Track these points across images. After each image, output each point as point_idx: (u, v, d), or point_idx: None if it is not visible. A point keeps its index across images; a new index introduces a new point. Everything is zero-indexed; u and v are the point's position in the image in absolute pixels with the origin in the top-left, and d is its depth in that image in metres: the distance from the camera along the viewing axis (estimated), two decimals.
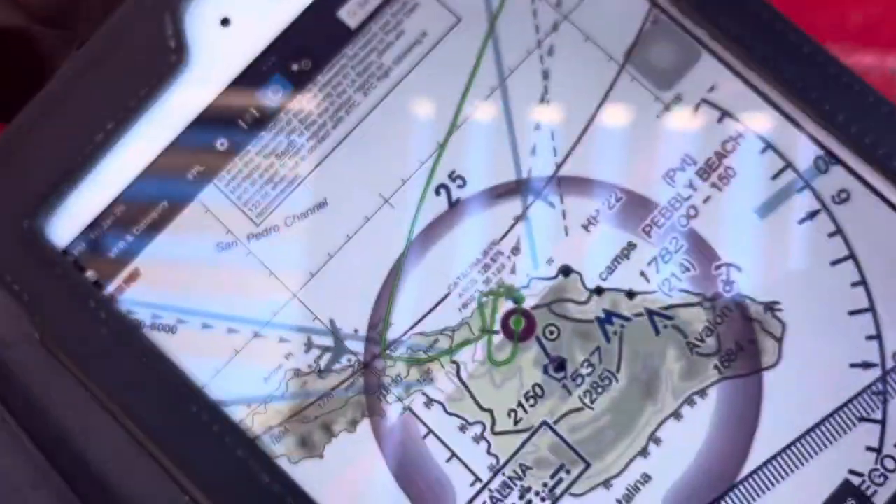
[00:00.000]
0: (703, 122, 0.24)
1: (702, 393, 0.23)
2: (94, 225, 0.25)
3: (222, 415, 0.23)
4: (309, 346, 0.24)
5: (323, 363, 0.24)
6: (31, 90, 0.28)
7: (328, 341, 0.24)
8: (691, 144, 0.24)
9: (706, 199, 0.24)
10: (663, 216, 0.24)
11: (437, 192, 0.25)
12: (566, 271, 0.24)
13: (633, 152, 0.24)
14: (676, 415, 0.23)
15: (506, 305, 0.24)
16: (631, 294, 0.24)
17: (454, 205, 0.25)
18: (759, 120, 0.24)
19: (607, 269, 0.24)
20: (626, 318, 0.24)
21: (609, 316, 0.24)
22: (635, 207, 0.24)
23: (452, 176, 0.25)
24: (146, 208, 0.25)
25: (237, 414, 0.24)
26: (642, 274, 0.24)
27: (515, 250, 0.24)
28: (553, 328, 0.24)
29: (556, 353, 0.24)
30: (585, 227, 0.25)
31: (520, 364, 0.24)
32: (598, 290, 0.24)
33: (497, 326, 0.24)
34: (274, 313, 0.24)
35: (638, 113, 0.24)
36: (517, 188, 0.25)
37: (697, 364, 0.23)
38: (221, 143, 0.25)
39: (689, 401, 0.23)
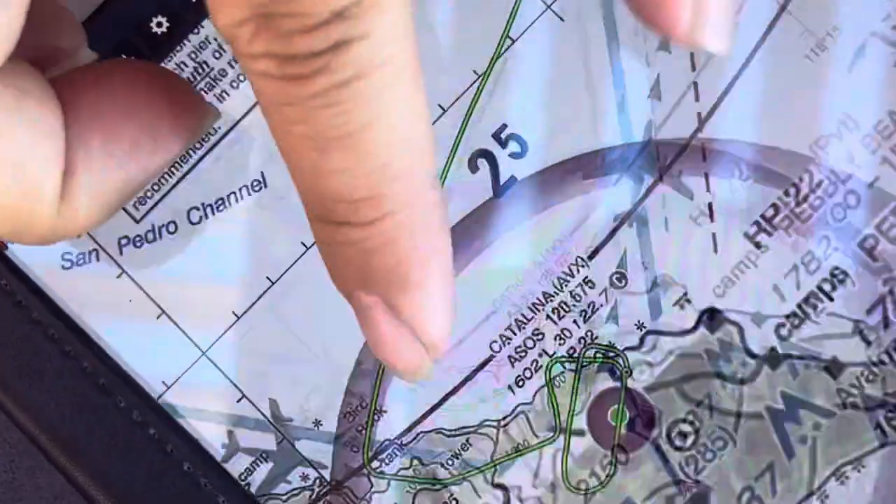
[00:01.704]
0: (871, 67, 0.21)
1: (857, 463, 0.20)
2: None
3: None
4: (232, 449, 0.19)
5: (256, 481, 0.19)
6: None
7: (266, 441, 0.20)
8: (854, 100, 0.21)
9: (874, 182, 0.20)
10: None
11: (473, 167, 0.20)
12: (712, 315, 0.19)
13: (772, 109, 0.20)
14: (820, 494, 0.21)
15: (599, 380, 0.20)
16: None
17: (504, 188, 0.20)
18: None
19: (790, 321, 0.20)
20: (828, 413, 0.20)
21: (795, 406, 0.20)
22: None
23: (501, 136, 0.20)
24: None
25: None
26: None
27: (619, 278, 0.20)
28: (689, 425, 0.19)
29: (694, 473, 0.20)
30: (753, 240, 0.20)
31: (625, 492, 0.19)
32: (774, 357, 0.19)
33: (582, 421, 0.19)
34: (166, 386, 0.20)
35: (779, 52, 0.21)
36: (618, 161, 0.20)
37: (852, 422, 0.20)
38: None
39: (839, 475, 0.20)
